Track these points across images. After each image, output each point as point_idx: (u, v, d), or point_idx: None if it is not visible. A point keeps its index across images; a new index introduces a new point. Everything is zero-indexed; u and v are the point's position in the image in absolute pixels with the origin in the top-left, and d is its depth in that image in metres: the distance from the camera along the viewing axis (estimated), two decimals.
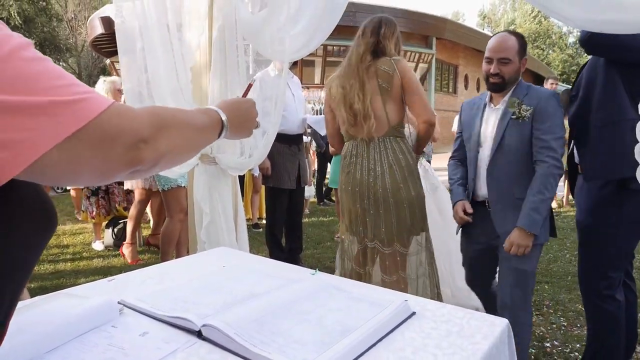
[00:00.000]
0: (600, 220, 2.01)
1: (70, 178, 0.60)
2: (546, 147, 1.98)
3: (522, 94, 2.09)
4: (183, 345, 1.01)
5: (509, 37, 2.10)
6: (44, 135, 0.53)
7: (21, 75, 0.53)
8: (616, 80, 1.89)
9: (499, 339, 1.09)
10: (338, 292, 1.30)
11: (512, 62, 2.07)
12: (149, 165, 0.66)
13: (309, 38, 2.21)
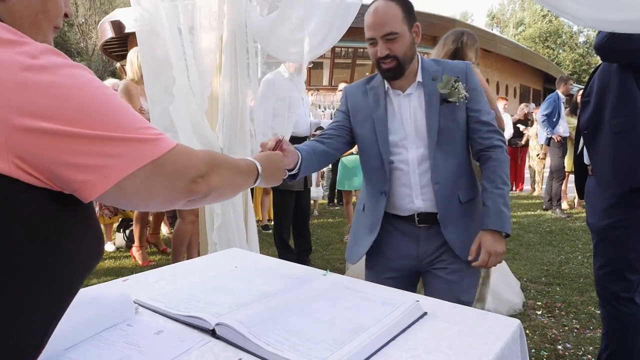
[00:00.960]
0: (616, 222, 1.97)
1: (142, 203, 0.71)
2: (493, 130, 1.65)
3: (435, 70, 1.65)
4: (197, 343, 1.02)
5: (388, 4, 1.56)
6: (127, 162, 0.64)
7: (109, 111, 0.64)
8: (632, 86, 1.85)
9: (511, 339, 1.10)
10: (349, 292, 1.30)
11: (401, 36, 1.56)
12: (201, 196, 0.78)
13: (322, 39, 2.23)
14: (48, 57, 0.60)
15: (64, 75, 0.61)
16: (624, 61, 1.88)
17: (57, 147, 0.58)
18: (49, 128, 0.58)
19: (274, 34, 2.35)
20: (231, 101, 2.49)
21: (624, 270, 2.00)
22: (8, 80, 0.56)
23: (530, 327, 2.92)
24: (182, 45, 2.31)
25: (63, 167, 0.60)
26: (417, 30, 1.62)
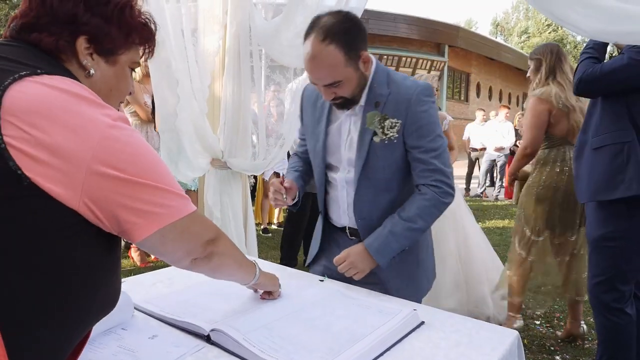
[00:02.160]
0: (608, 233, 1.98)
1: (170, 254, 0.85)
2: (432, 170, 1.42)
3: (382, 94, 1.43)
4: (192, 349, 1.02)
5: (326, 48, 1.31)
6: (172, 212, 0.78)
7: (159, 168, 0.78)
8: (616, 106, 1.93)
9: (508, 350, 1.09)
10: (346, 300, 1.30)
11: (345, 81, 1.37)
12: (206, 259, 0.90)
13: None
14: (122, 123, 0.75)
15: (132, 137, 0.76)
16: (598, 95, 2.01)
17: (122, 192, 0.72)
18: (119, 176, 0.71)
19: (277, 38, 2.35)
20: (233, 105, 2.49)
21: (615, 281, 2.01)
22: (96, 134, 0.70)
23: (528, 337, 2.90)
24: (185, 47, 2.31)
25: (122, 209, 0.73)
26: (365, 59, 1.39)
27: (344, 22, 1.34)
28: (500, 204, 8.35)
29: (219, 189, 2.57)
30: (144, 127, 3.87)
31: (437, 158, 1.43)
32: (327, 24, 1.32)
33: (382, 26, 16.95)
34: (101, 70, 0.86)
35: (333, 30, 1.31)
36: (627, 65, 1.86)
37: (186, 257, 0.87)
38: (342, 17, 1.35)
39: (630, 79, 1.87)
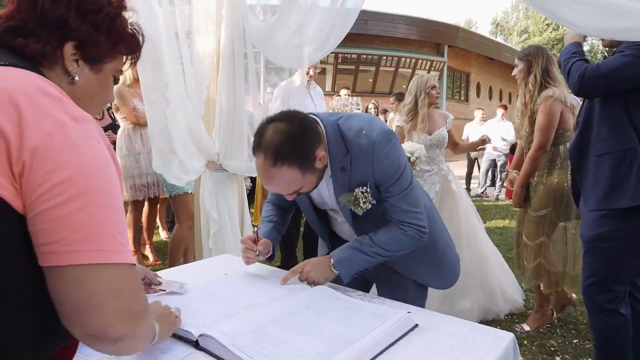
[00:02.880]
0: (603, 233, 1.95)
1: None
2: (403, 211, 1.44)
3: (343, 159, 1.40)
4: (180, 355, 1.00)
5: (278, 172, 1.29)
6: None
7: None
8: (616, 112, 1.90)
9: (503, 353, 1.07)
10: (339, 303, 1.28)
11: (304, 185, 1.36)
12: (124, 337, 0.72)
13: (321, 44, 2.21)
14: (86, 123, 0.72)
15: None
16: (603, 94, 1.96)
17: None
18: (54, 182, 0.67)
19: (272, 39, 2.33)
20: (228, 106, 2.48)
21: (609, 282, 1.98)
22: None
23: (528, 338, 2.87)
24: (179, 49, 2.29)
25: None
26: (320, 157, 1.34)
27: (291, 134, 1.28)
28: (501, 203, 8.31)
29: (215, 192, 2.55)
30: (137, 131, 3.84)
31: (404, 199, 1.43)
32: (275, 143, 1.25)
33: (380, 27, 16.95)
34: (85, 77, 0.85)
35: (282, 151, 1.26)
36: (631, 63, 1.83)
37: (90, 320, 0.69)
38: (286, 128, 1.28)
39: (634, 77, 1.84)
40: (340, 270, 1.43)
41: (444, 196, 3.18)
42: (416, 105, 3.21)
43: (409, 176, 1.43)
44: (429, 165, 3.21)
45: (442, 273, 1.68)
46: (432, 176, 3.20)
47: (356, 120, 1.43)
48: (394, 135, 1.40)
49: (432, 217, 1.60)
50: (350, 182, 1.42)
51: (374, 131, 1.38)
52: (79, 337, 0.72)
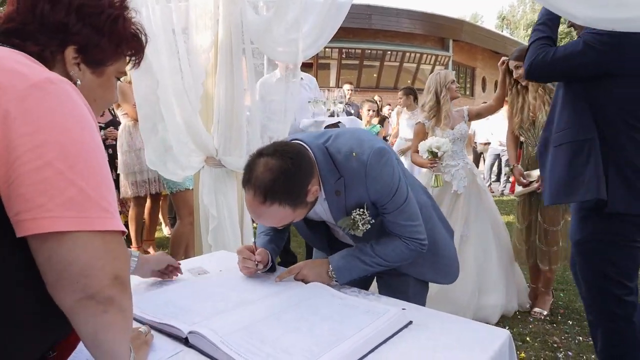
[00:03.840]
0: (587, 236, 1.86)
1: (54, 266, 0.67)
2: (402, 226, 1.42)
3: (337, 182, 1.37)
4: (169, 352, 0.99)
5: (268, 210, 1.25)
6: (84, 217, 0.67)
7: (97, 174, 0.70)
8: (576, 101, 1.81)
9: (498, 351, 1.05)
10: (333, 300, 1.26)
11: (297, 217, 1.34)
12: (104, 301, 0.70)
13: (315, 39, 2.19)
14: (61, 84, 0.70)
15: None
16: (553, 80, 1.97)
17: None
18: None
19: (269, 33, 2.31)
20: (226, 102, 2.46)
21: (604, 284, 1.85)
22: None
23: (531, 334, 2.85)
24: (175, 45, 2.28)
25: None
26: (313, 191, 1.31)
27: (282, 172, 1.23)
28: (506, 198, 8.26)
29: (214, 188, 2.54)
30: (138, 128, 3.83)
31: (401, 214, 1.40)
32: (265, 181, 1.21)
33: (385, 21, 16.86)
34: (87, 80, 0.83)
35: (272, 189, 1.22)
36: (580, 52, 1.72)
37: (79, 283, 0.68)
38: (278, 167, 1.23)
39: (583, 66, 1.74)
40: (338, 277, 1.42)
41: (471, 192, 3.18)
42: (438, 102, 3.22)
43: (404, 191, 1.40)
44: (454, 160, 3.21)
45: (445, 269, 1.66)
46: (459, 171, 3.20)
47: (344, 139, 1.38)
48: (385, 152, 1.36)
49: (429, 216, 1.58)
50: (347, 205, 1.39)
51: (364, 153, 1.33)
52: (65, 306, 0.69)
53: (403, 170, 1.48)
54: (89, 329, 0.72)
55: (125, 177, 3.92)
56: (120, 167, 3.93)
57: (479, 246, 3.10)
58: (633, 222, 1.75)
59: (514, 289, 3.15)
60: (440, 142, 3.03)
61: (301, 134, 1.46)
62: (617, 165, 1.70)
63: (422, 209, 1.52)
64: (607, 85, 1.72)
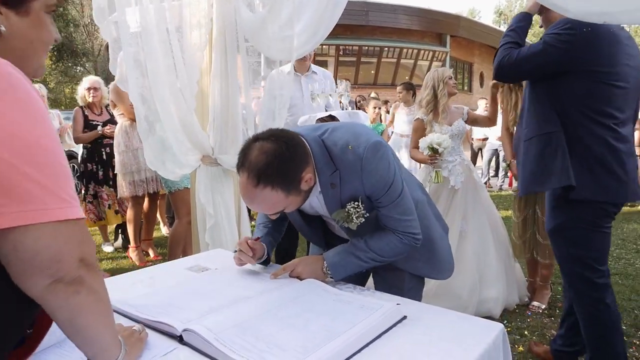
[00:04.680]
0: (561, 224, 1.96)
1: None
2: (396, 220, 1.42)
3: (332, 175, 1.37)
4: (162, 350, 0.99)
5: (260, 193, 1.25)
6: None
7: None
8: (540, 98, 1.94)
9: (492, 344, 1.05)
10: (327, 296, 1.26)
11: (290, 205, 1.34)
12: (73, 282, 0.71)
13: (310, 36, 2.19)
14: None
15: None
16: (519, 80, 2.15)
17: None
18: None
19: (264, 30, 2.31)
20: (222, 101, 2.46)
21: (578, 268, 1.96)
22: None
23: (529, 328, 2.85)
24: (170, 43, 2.27)
25: None
26: (307, 179, 1.31)
27: (277, 155, 1.23)
28: (505, 193, 8.27)
29: (211, 187, 2.54)
30: (135, 127, 3.83)
31: (396, 209, 1.40)
32: (259, 164, 1.22)
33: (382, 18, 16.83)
34: (13, 24, 0.76)
35: (266, 173, 1.22)
36: (541, 51, 1.85)
37: (50, 269, 0.68)
38: (273, 151, 1.24)
39: (545, 65, 1.87)
40: (333, 274, 1.42)
41: (468, 187, 3.20)
42: (435, 97, 3.26)
43: (399, 185, 1.40)
44: (451, 156, 3.23)
45: (440, 265, 1.67)
46: (456, 167, 3.22)
47: (341, 133, 1.38)
48: (381, 146, 1.35)
49: (425, 212, 1.59)
50: (342, 198, 1.39)
51: (360, 145, 1.33)
52: (36, 294, 0.69)
53: (399, 166, 1.48)
54: (64, 315, 0.72)
55: (122, 177, 3.92)
56: (118, 167, 3.93)
57: (478, 241, 3.11)
58: (600, 208, 1.86)
59: (514, 283, 3.17)
60: (441, 139, 3.05)
61: (298, 128, 1.46)
62: (579, 155, 1.83)
63: (417, 205, 1.53)
64: (567, 81, 1.85)
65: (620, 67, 1.81)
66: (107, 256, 4.49)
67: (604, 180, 1.82)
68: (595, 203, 1.85)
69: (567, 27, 1.79)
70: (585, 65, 1.80)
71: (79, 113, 4.30)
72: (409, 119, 5.92)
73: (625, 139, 1.85)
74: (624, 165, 1.83)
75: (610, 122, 1.82)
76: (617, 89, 1.82)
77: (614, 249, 4.51)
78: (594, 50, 1.79)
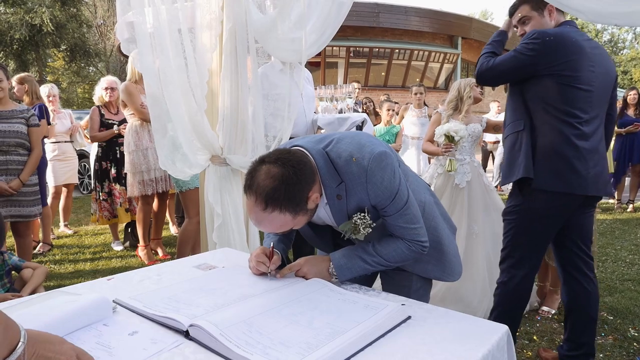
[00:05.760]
0: (510, 207, 2.23)
1: None
2: (403, 229, 1.43)
3: (338, 187, 1.38)
4: (169, 345, 1.00)
5: (269, 216, 1.26)
6: None
7: None
8: (515, 98, 2.19)
9: (495, 345, 1.05)
10: (333, 295, 1.27)
11: (298, 224, 1.34)
12: None
13: (318, 37, 2.20)
14: None
15: None
16: (496, 84, 2.36)
17: None
18: None
19: (273, 31, 2.32)
20: (231, 101, 2.48)
21: (513, 249, 2.24)
22: None
23: (538, 332, 2.83)
24: (181, 44, 2.30)
25: None
26: (314, 198, 1.32)
27: (284, 180, 1.24)
28: None
29: (219, 186, 2.56)
30: (144, 127, 3.88)
31: (402, 217, 1.41)
32: (266, 189, 1.23)
33: (393, 19, 16.79)
34: None
35: (273, 196, 1.23)
36: (513, 57, 2.11)
37: None
38: (279, 173, 1.25)
39: (515, 69, 2.12)
40: (339, 275, 1.43)
41: (474, 188, 3.20)
42: (460, 99, 3.33)
43: (405, 194, 1.40)
44: (461, 155, 3.24)
45: (449, 266, 1.66)
46: (464, 165, 3.23)
47: (345, 144, 1.39)
48: (385, 156, 1.35)
49: (432, 214, 1.58)
50: (348, 209, 1.40)
51: (364, 157, 1.34)
52: None
53: (405, 172, 1.48)
54: None
55: (132, 176, 3.97)
56: (127, 166, 3.98)
57: (489, 244, 3.09)
58: (558, 199, 2.07)
59: None
60: (458, 127, 3.10)
61: (301, 140, 1.46)
62: (543, 151, 2.06)
63: (424, 207, 1.53)
64: (535, 84, 2.09)
65: (583, 72, 2.01)
66: (117, 255, 4.54)
67: (563, 173, 2.02)
68: (553, 194, 2.06)
69: (534, 36, 2.04)
70: (550, 69, 2.02)
71: (95, 112, 4.36)
72: (420, 121, 5.91)
73: (588, 136, 2.04)
74: (585, 161, 2.01)
75: (573, 121, 2.02)
76: (580, 91, 2.02)
77: (627, 255, 4.45)
78: (557, 55, 2.01)
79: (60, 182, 5.08)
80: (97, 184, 4.47)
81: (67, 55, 22.29)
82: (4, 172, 3.24)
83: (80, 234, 5.50)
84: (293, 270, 1.45)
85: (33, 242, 4.16)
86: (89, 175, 8.44)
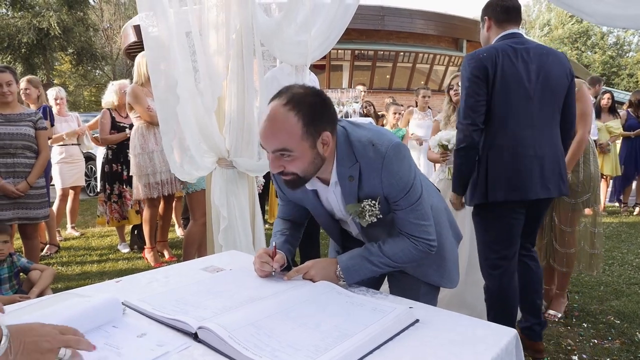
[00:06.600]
0: (475, 226, 2.42)
1: None
2: (414, 224, 1.43)
3: (352, 167, 1.38)
4: (177, 347, 1.01)
5: (286, 113, 1.26)
6: None
7: None
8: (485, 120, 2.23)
9: (504, 349, 1.04)
10: (340, 297, 1.27)
11: (298, 155, 1.29)
12: None
13: (323, 40, 2.21)
14: None
15: None
16: (480, 130, 2.28)
17: None
18: None
19: (279, 34, 2.34)
20: (238, 104, 2.49)
21: (489, 255, 2.36)
22: None
23: (545, 336, 2.81)
24: (189, 47, 2.31)
25: None
26: (325, 140, 1.32)
27: (313, 96, 1.31)
28: None
29: (226, 189, 2.57)
30: (150, 130, 3.90)
31: (413, 212, 1.42)
32: (295, 93, 1.29)
33: (398, 22, 16.81)
34: None
35: (298, 99, 1.27)
36: (465, 92, 2.18)
37: None
38: (311, 91, 1.32)
39: (475, 98, 2.15)
40: (346, 278, 1.42)
41: None
42: (450, 101, 3.38)
43: (418, 189, 1.40)
44: None
45: (449, 273, 1.66)
46: None
47: (365, 130, 1.41)
48: (402, 148, 1.36)
49: (439, 219, 1.58)
50: (359, 193, 1.40)
51: (382, 144, 1.34)
52: None
53: (418, 172, 1.49)
54: None
55: (138, 179, 3.98)
56: (133, 169, 4.00)
57: None
58: (511, 206, 2.22)
59: None
60: (449, 135, 3.12)
61: None
62: (493, 162, 2.17)
63: (434, 211, 1.53)
64: (491, 106, 2.17)
65: (521, 82, 2.09)
66: (123, 257, 4.56)
67: (513, 181, 2.12)
68: (507, 202, 2.18)
69: (468, 59, 2.17)
70: (491, 82, 2.11)
71: (106, 115, 4.39)
72: (426, 123, 5.92)
73: (528, 143, 2.12)
74: (530, 168, 2.11)
75: (516, 130, 2.12)
76: (520, 100, 2.09)
77: (634, 258, 4.42)
78: (493, 68, 2.09)
79: (68, 185, 5.11)
80: (106, 186, 4.49)
81: (74, 59, 22.48)
82: (12, 174, 3.27)
83: (87, 236, 5.53)
84: (300, 273, 1.45)
85: (40, 244, 4.19)
86: (96, 178, 8.48)
